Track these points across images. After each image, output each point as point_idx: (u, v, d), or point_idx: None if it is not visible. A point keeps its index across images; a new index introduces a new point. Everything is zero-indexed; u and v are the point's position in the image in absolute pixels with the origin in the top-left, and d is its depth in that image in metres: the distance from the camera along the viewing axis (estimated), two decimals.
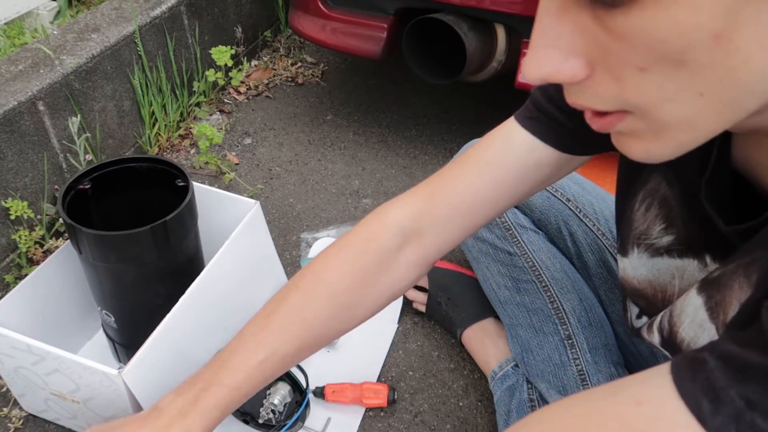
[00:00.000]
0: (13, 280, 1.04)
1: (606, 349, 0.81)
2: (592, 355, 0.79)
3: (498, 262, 0.88)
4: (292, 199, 1.30)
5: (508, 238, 0.87)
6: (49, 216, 1.11)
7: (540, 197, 0.87)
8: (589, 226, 0.85)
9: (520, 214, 0.88)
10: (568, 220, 0.86)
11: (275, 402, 0.78)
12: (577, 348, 0.80)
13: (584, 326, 0.81)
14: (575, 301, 0.82)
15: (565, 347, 0.80)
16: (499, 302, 0.88)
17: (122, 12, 1.30)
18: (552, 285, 0.83)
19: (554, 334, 0.81)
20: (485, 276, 0.90)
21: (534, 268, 0.85)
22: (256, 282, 0.96)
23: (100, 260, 0.78)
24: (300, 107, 1.58)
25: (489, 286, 0.90)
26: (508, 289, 0.86)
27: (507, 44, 1.21)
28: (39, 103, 1.06)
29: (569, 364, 0.79)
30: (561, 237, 0.87)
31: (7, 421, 0.87)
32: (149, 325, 0.75)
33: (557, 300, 0.82)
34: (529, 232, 0.87)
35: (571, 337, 0.80)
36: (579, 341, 0.80)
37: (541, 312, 0.83)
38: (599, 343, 0.81)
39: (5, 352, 0.77)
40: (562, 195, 0.87)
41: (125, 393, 0.73)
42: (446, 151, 1.44)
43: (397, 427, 0.89)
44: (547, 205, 0.87)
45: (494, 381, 0.88)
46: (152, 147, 1.37)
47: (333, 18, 1.29)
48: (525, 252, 0.86)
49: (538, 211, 0.88)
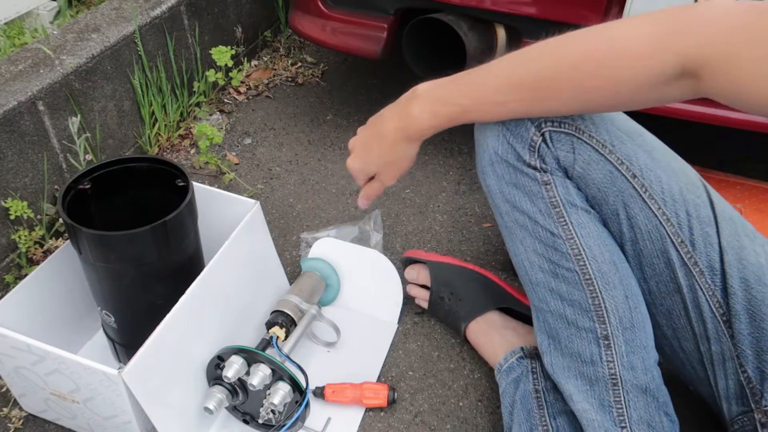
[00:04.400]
0: (13, 280, 1.04)
1: (645, 351, 0.73)
2: (629, 359, 0.72)
3: (536, 239, 0.75)
4: (292, 199, 1.30)
5: (553, 216, 0.73)
6: (49, 216, 1.11)
7: (602, 171, 0.72)
8: (654, 209, 0.72)
9: (572, 189, 0.74)
10: (629, 201, 0.72)
11: (275, 402, 0.78)
12: (614, 350, 0.72)
13: (626, 327, 0.73)
14: (620, 298, 0.73)
15: (600, 347, 0.73)
16: (529, 282, 0.78)
17: (122, 12, 1.30)
18: (597, 279, 0.73)
19: (589, 330, 0.73)
20: (517, 250, 0.78)
21: (579, 257, 0.73)
22: (256, 282, 0.96)
23: (100, 260, 0.78)
24: (300, 107, 1.58)
25: (520, 262, 0.79)
26: (543, 271, 0.76)
27: (507, 44, 1.21)
28: (39, 103, 1.06)
29: (601, 365, 0.73)
30: (617, 220, 0.74)
31: (7, 421, 0.87)
32: (149, 325, 0.75)
33: (600, 296, 0.73)
34: (580, 213, 0.73)
35: (608, 337, 0.72)
36: (617, 343, 0.72)
37: (578, 305, 0.73)
38: (639, 345, 0.73)
39: (5, 352, 0.77)
40: (628, 170, 0.72)
41: (125, 393, 0.73)
42: (446, 151, 1.44)
43: (397, 427, 0.89)
44: (608, 181, 0.72)
45: (500, 373, 0.88)
46: (152, 147, 1.37)
47: (333, 18, 1.29)
48: (571, 236, 0.73)
49: (595, 186, 0.73)
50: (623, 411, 0.72)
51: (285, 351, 0.87)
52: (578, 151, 0.71)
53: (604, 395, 0.72)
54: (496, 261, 1.16)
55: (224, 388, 0.82)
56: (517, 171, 0.74)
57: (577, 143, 0.71)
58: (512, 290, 0.98)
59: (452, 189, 1.33)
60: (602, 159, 0.71)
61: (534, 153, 0.72)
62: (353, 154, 0.82)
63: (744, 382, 0.70)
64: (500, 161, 0.74)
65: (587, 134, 0.71)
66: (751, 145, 1.43)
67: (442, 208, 1.28)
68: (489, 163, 0.76)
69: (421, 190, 1.32)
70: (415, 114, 0.73)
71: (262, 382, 0.79)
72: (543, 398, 0.80)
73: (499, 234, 1.21)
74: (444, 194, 1.32)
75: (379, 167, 0.80)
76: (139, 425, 0.78)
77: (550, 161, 0.72)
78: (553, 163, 0.72)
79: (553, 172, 0.72)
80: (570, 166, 0.72)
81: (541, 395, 0.80)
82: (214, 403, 0.80)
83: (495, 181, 0.76)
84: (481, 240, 1.20)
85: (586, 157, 0.72)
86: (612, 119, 0.73)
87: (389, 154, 0.78)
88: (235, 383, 0.82)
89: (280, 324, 0.89)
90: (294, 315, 0.91)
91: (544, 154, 0.72)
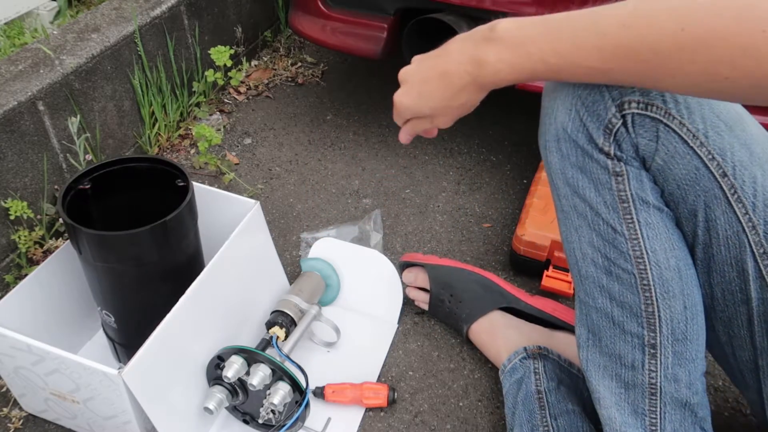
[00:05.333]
0: (13, 280, 1.04)
1: (693, 364, 0.68)
2: (673, 371, 0.67)
3: (594, 231, 0.67)
4: (292, 199, 1.30)
5: (619, 211, 0.65)
6: (49, 216, 1.11)
7: (687, 166, 0.62)
8: (740, 215, 0.63)
9: (647, 182, 0.64)
10: (712, 203, 0.63)
11: (275, 402, 0.78)
12: (659, 360, 0.67)
13: (677, 339, 0.67)
14: (678, 309, 0.66)
15: (644, 354, 0.67)
16: (578, 273, 0.71)
17: (122, 12, 1.30)
18: (655, 286, 0.66)
19: (636, 336, 0.67)
20: (571, 237, 0.71)
21: (640, 260, 0.65)
22: (256, 282, 0.96)
23: (100, 260, 0.78)
24: (300, 107, 1.58)
25: (571, 251, 0.71)
26: (596, 266, 0.68)
27: None
28: (39, 103, 1.06)
29: (641, 372, 0.67)
30: (693, 221, 0.65)
31: (7, 421, 0.87)
32: (149, 325, 0.75)
33: (655, 304, 0.66)
34: (651, 211, 0.65)
35: (656, 347, 0.66)
36: (664, 354, 0.67)
37: (629, 308, 0.67)
38: (688, 358, 0.67)
39: (5, 352, 0.77)
40: (719, 167, 0.62)
41: (125, 393, 0.73)
42: (446, 151, 1.44)
43: (397, 427, 0.89)
44: (693, 178, 0.63)
45: (503, 373, 0.88)
46: (152, 147, 1.37)
47: (333, 18, 1.29)
48: (636, 236, 0.65)
49: (675, 183, 0.64)
50: (657, 422, 0.68)
51: (285, 351, 0.87)
52: (663, 140, 0.61)
53: (639, 402, 0.68)
54: (496, 261, 1.16)
55: (224, 388, 0.82)
56: (585, 154, 0.64)
57: (663, 131, 0.61)
58: (512, 289, 0.98)
59: (452, 189, 1.33)
60: (690, 152, 0.61)
61: (609, 137, 0.62)
62: (405, 86, 0.69)
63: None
64: (568, 139, 0.65)
65: (678, 121, 0.61)
66: None
67: (442, 208, 1.28)
68: (554, 139, 0.67)
69: (421, 190, 1.32)
70: (491, 62, 0.61)
71: (262, 382, 0.79)
72: (545, 399, 0.80)
73: (499, 234, 1.22)
74: (444, 194, 1.32)
75: (435, 110, 0.68)
76: (139, 425, 0.78)
77: (627, 148, 0.62)
78: (630, 151, 0.63)
79: (628, 162, 0.63)
80: (650, 156, 0.63)
81: (543, 396, 0.80)
82: (214, 403, 0.80)
83: (558, 159, 0.67)
84: (481, 240, 1.20)
85: (671, 149, 0.61)
86: (711, 104, 0.62)
87: (453, 98, 0.66)
88: (235, 383, 0.82)
89: (280, 324, 0.89)
90: (294, 315, 0.91)
91: (622, 140, 0.62)
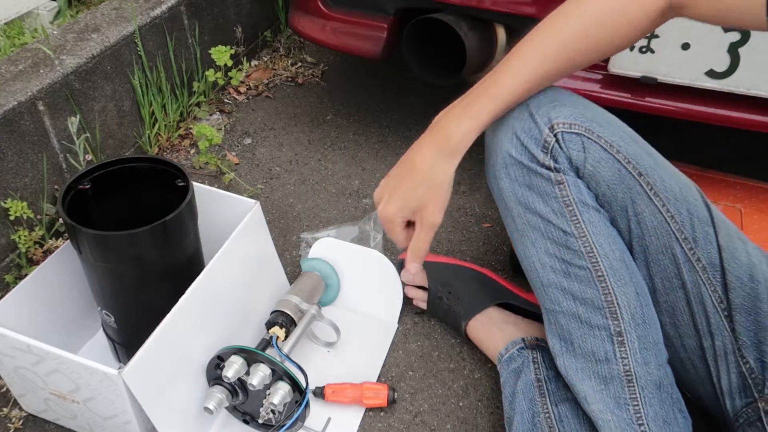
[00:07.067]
0: (13, 280, 1.04)
1: (656, 348, 0.75)
2: (642, 355, 0.73)
3: (548, 239, 0.77)
4: (292, 199, 1.30)
5: (566, 215, 0.75)
6: (49, 216, 1.11)
7: (611, 168, 0.75)
8: (659, 206, 0.75)
9: (584, 188, 0.76)
10: (636, 198, 0.75)
11: (275, 402, 0.78)
12: (627, 347, 0.73)
13: (638, 324, 0.74)
14: (632, 295, 0.74)
15: (613, 344, 0.73)
16: (540, 284, 0.79)
17: (122, 12, 1.30)
18: (609, 276, 0.74)
19: (603, 328, 0.74)
20: (528, 252, 0.79)
21: (591, 254, 0.75)
22: (256, 282, 0.96)
23: (100, 260, 0.78)
24: (300, 107, 1.58)
25: (531, 264, 0.79)
26: (555, 271, 0.76)
27: (507, 44, 1.21)
28: (39, 103, 1.06)
29: (615, 362, 0.73)
30: (625, 216, 0.77)
31: (7, 421, 0.87)
32: (149, 325, 0.75)
33: (612, 293, 0.74)
34: (591, 212, 0.76)
35: (621, 333, 0.73)
36: (630, 339, 0.73)
37: (591, 303, 0.74)
38: (651, 341, 0.75)
39: (5, 352, 0.77)
40: (634, 168, 0.75)
41: (125, 393, 0.73)
42: None
43: (397, 427, 0.89)
44: (617, 179, 0.75)
45: (500, 363, 0.88)
46: (152, 147, 1.37)
47: (333, 18, 1.29)
48: (584, 234, 0.75)
49: (605, 184, 0.75)
50: (639, 408, 0.72)
51: (285, 351, 0.87)
52: (588, 150, 0.73)
53: (620, 393, 0.73)
54: (495, 261, 1.16)
55: (224, 388, 0.82)
56: (531, 172, 0.75)
57: (587, 142, 0.73)
58: (510, 285, 0.99)
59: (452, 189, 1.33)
60: (611, 158, 0.74)
61: (547, 153, 0.74)
62: (384, 199, 0.78)
63: (746, 373, 0.72)
64: (514, 163, 0.76)
65: (596, 134, 0.74)
66: (751, 145, 1.43)
67: None
68: (503, 166, 0.77)
69: None
70: (452, 126, 0.73)
71: (261, 382, 0.79)
72: (545, 387, 0.80)
73: (499, 234, 1.22)
74: None
75: (419, 200, 0.76)
76: (139, 425, 0.78)
77: (562, 161, 0.74)
78: (565, 163, 0.74)
79: (565, 172, 0.74)
80: (581, 164, 0.74)
81: (543, 384, 0.80)
82: (214, 403, 0.80)
83: (508, 183, 0.77)
84: (481, 240, 1.20)
85: (596, 156, 0.74)
86: (616, 123, 0.76)
87: (428, 178, 0.75)
88: (235, 383, 0.82)
89: (280, 324, 0.89)
90: (294, 315, 0.91)
91: (557, 154, 0.73)
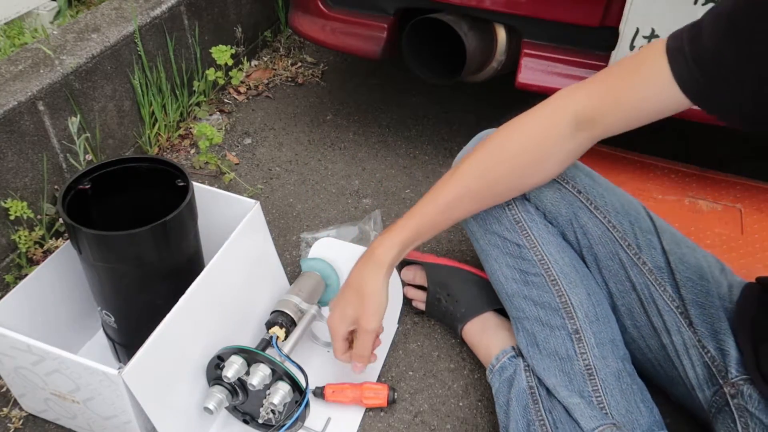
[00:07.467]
0: (13, 280, 1.04)
1: (613, 345, 0.81)
2: (599, 350, 0.80)
3: (507, 254, 0.87)
4: (292, 199, 1.30)
5: (517, 230, 0.86)
6: (49, 216, 1.11)
7: (550, 189, 0.86)
8: (600, 218, 0.85)
9: (531, 208, 0.87)
10: (578, 212, 0.85)
11: (275, 402, 0.78)
12: (585, 342, 0.80)
13: (592, 321, 0.81)
14: (583, 295, 0.82)
15: (572, 341, 0.80)
16: (506, 295, 0.88)
17: (122, 12, 1.30)
18: (560, 279, 0.83)
19: (561, 328, 0.81)
20: (493, 269, 0.89)
21: (543, 262, 0.84)
22: (256, 282, 0.96)
23: (100, 260, 0.78)
24: (300, 107, 1.58)
25: (497, 279, 0.89)
26: (516, 282, 0.86)
27: (507, 44, 1.21)
28: (39, 103, 1.06)
29: (576, 358, 0.79)
30: (572, 229, 0.86)
31: (7, 421, 0.87)
32: (149, 325, 0.75)
33: (565, 294, 0.82)
34: (539, 225, 0.86)
35: (578, 331, 0.80)
36: (586, 336, 0.80)
37: (549, 306, 0.82)
38: (606, 338, 0.81)
39: (5, 352, 0.77)
40: (573, 187, 0.86)
41: (125, 393, 0.73)
42: (446, 151, 1.44)
43: (397, 427, 0.89)
44: (558, 197, 0.86)
45: (492, 373, 0.88)
46: (152, 147, 1.37)
47: (333, 18, 1.29)
48: (534, 245, 0.85)
49: (549, 203, 0.86)
50: (602, 399, 0.77)
51: (285, 351, 0.87)
52: None
53: (583, 387, 0.78)
54: None
55: (224, 388, 0.82)
56: None
57: None
58: None
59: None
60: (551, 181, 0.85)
61: None
62: (328, 314, 0.86)
63: (709, 362, 0.78)
64: None
65: None
66: (751, 145, 1.43)
67: None
68: None
69: (421, 190, 1.32)
70: (377, 242, 0.83)
71: (261, 382, 0.79)
72: (537, 393, 0.81)
73: None
74: None
75: (356, 307, 0.82)
76: (139, 425, 0.78)
77: None
78: None
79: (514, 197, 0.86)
80: None
81: (535, 391, 0.81)
82: (214, 403, 0.80)
83: None
84: None
85: None
86: None
87: (360, 289, 0.82)
88: (235, 383, 0.82)
89: (280, 324, 0.89)
90: (294, 315, 0.91)
91: None
